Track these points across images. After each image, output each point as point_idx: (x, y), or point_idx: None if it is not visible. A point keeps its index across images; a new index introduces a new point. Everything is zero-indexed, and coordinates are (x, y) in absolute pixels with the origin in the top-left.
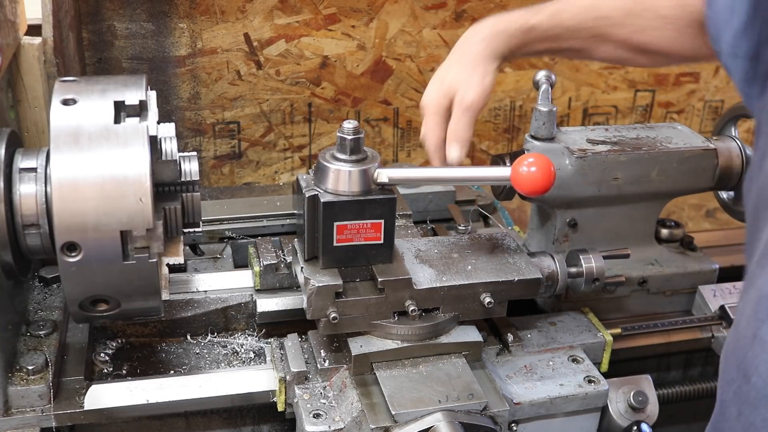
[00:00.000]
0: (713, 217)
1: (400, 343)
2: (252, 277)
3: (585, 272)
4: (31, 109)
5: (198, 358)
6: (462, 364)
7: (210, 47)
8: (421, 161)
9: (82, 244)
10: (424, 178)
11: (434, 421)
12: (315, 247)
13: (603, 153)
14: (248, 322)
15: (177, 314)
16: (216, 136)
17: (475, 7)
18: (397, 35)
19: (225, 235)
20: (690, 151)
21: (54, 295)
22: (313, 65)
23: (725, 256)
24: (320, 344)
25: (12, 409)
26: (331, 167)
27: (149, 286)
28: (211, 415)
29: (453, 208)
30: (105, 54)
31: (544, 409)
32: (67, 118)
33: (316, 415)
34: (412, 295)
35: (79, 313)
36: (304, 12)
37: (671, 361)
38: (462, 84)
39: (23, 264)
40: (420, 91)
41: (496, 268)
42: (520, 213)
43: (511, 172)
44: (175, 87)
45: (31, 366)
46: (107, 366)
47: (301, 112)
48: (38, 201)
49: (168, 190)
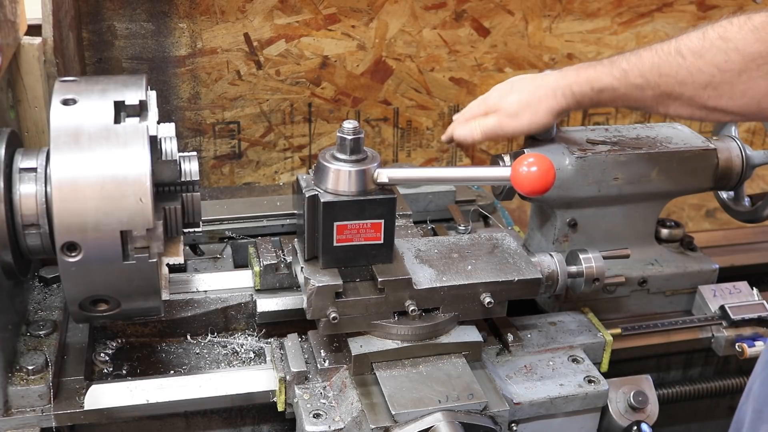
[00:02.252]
0: (713, 217)
1: (400, 343)
2: (252, 277)
3: (585, 272)
4: (31, 109)
5: (198, 358)
6: (462, 364)
7: (210, 47)
8: (421, 161)
9: (82, 244)
10: (424, 178)
11: (434, 421)
12: (315, 247)
13: (603, 153)
14: (248, 322)
15: (177, 314)
16: (216, 136)
17: (475, 7)
18: (397, 35)
19: (225, 235)
20: (690, 151)
21: (54, 295)
22: (313, 65)
23: (725, 256)
24: (320, 344)
25: (12, 409)
26: (331, 167)
27: (149, 286)
28: (211, 415)
29: (453, 208)
30: (105, 54)
31: (544, 409)
32: (67, 118)
33: (316, 415)
34: (412, 295)
35: (79, 313)
36: (304, 12)
37: (671, 361)
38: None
39: (23, 264)
40: (420, 91)
41: (496, 268)
42: (520, 213)
43: (511, 172)
44: (175, 87)
45: (31, 366)
46: (107, 366)
47: (301, 112)
48: (38, 201)
49: (168, 190)
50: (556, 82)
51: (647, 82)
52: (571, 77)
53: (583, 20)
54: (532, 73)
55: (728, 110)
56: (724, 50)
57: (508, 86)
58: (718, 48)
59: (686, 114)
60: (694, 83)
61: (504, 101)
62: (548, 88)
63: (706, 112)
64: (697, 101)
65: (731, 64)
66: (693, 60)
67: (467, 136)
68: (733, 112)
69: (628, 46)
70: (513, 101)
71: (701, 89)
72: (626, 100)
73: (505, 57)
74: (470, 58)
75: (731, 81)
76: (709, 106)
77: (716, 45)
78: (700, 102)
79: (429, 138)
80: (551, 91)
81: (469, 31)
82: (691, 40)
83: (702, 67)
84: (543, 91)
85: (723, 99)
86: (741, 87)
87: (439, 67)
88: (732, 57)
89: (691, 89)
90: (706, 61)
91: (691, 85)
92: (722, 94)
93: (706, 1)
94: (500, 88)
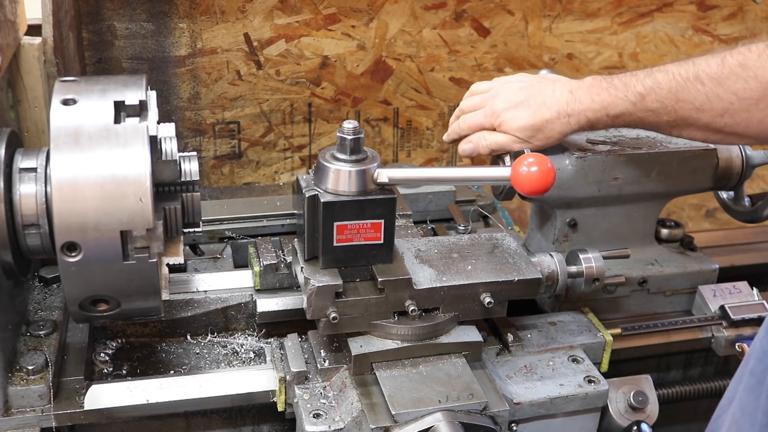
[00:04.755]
0: (713, 217)
1: (400, 343)
2: (252, 277)
3: (585, 272)
4: (31, 109)
5: (198, 358)
6: (462, 364)
7: (210, 47)
8: (421, 161)
9: (82, 244)
10: (424, 178)
11: (434, 421)
12: (315, 247)
13: (603, 153)
14: (248, 322)
15: (177, 314)
16: (216, 136)
17: (475, 7)
18: (397, 35)
19: (225, 235)
20: (690, 151)
21: (54, 295)
22: (313, 65)
23: (725, 256)
24: (320, 344)
25: (12, 409)
26: (331, 167)
27: (149, 286)
28: (211, 415)
29: (453, 208)
30: (105, 54)
31: (544, 409)
32: (67, 118)
33: (316, 415)
34: (412, 295)
35: (79, 313)
36: (304, 12)
37: (671, 361)
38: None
39: (23, 264)
40: (420, 91)
41: (496, 268)
42: (520, 213)
43: (511, 172)
44: (175, 87)
45: (31, 366)
46: (107, 366)
47: (301, 112)
48: (38, 201)
49: (168, 190)
50: (569, 107)
51: (664, 107)
52: (586, 102)
53: (583, 20)
54: (533, 74)
55: (744, 135)
56: (744, 78)
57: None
58: (738, 75)
59: (700, 138)
60: (712, 110)
61: (514, 123)
62: (561, 112)
63: (721, 136)
64: (712, 127)
65: (750, 92)
66: (712, 86)
67: (472, 152)
68: (748, 137)
69: (628, 46)
70: (525, 127)
71: (718, 116)
72: (641, 123)
73: (505, 57)
74: (470, 58)
75: (749, 108)
76: (725, 132)
77: (735, 72)
78: (716, 128)
79: (429, 138)
80: (565, 116)
81: (469, 31)
82: (710, 66)
83: (720, 94)
84: (556, 115)
85: (740, 126)
86: (759, 115)
87: (439, 67)
88: (751, 85)
89: (708, 116)
90: (724, 88)
91: (709, 112)
92: (739, 121)
93: (706, 1)
94: (506, 97)
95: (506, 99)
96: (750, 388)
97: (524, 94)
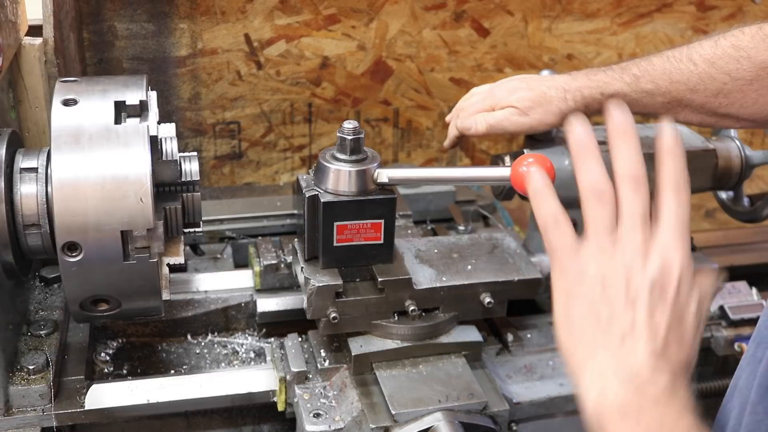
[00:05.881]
0: (713, 217)
1: (400, 342)
2: (252, 277)
3: None
4: (32, 110)
5: (198, 357)
6: (462, 364)
7: (210, 48)
8: (421, 161)
9: (83, 244)
10: (424, 178)
11: (434, 421)
12: (315, 247)
13: (603, 153)
14: (248, 322)
15: (177, 314)
16: (216, 137)
17: (475, 8)
18: (397, 35)
19: (225, 235)
20: (689, 152)
21: (55, 295)
22: (314, 65)
23: (725, 256)
24: (320, 344)
25: (13, 409)
26: (331, 167)
27: (150, 286)
28: (212, 414)
29: (453, 208)
30: (106, 54)
31: (544, 409)
32: (68, 118)
33: (316, 415)
34: (412, 295)
35: (80, 313)
36: (304, 12)
37: None
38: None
39: (24, 264)
40: (420, 92)
41: (496, 268)
42: (520, 213)
43: (511, 172)
44: (176, 87)
45: (31, 366)
46: (108, 366)
47: (301, 113)
48: (39, 201)
49: (168, 190)
50: (566, 84)
51: (658, 88)
52: (582, 81)
53: (582, 21)
54: (532, 74)
55: (739, 117)
56: (736, 58)
57: (515, 83)
58: (730, 56)
59: (696, 121)
60: (705, 90)
61: (514, 97)
62: (559, 88)
63: (716, 119)
64: (707, 108)
65: (743, 72)
66: (705, 67)
67: (470, 128)
68: (744, 119)
69: (627, 47)
70: (524, 98)
71: (712, 97)
72: (636, 106)
73: (505, 57)
74: (470, 58)
75: (742, 89)
76: (720, 114)
77: (728, 53)
78: (711, 109)
79: (429, 138)
80: (562, 92)
81: (468, 32)
82: (703, 47)
83: (713, 74)
84: (554, 92)
85: (734, 107)
86: (752, 95)
87: (439, 68)
88: (744, 65)
89: (703, 96)
90: (717, 68)
91: (703, 93)
92: (733, 101)
93: (706, 2)
94: (507, 86)
95: (506, 86)
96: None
97: (527, 80)
